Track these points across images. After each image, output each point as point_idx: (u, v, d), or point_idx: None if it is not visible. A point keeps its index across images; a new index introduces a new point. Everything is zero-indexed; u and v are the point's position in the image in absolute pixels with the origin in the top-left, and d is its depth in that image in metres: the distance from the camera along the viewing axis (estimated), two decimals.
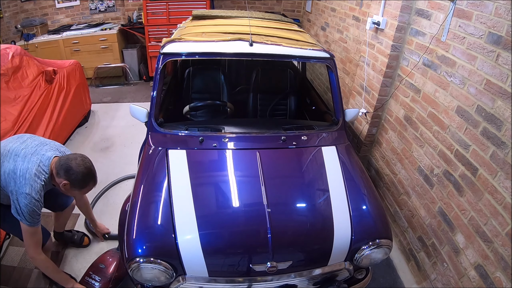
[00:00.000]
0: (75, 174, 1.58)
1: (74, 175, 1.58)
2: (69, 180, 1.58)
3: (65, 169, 1.57)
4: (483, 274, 1.62)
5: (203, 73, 2.86)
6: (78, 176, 1.58)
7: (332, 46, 4.00)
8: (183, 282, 1.48)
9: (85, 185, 1.64)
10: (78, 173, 1.58)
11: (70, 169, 1.57)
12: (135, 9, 5.56)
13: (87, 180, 1.64)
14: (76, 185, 1.62)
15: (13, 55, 2.90)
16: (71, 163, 1.58)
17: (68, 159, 1.59)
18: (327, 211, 1.62)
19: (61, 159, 1.60)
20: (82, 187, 1.64)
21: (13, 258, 2.20)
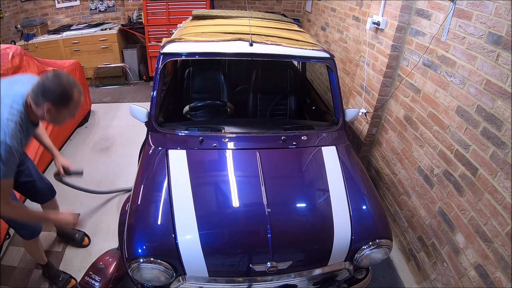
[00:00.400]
0: (52, 91, 1.35)
1: (51, 93, 1.35)
2: (50, 100, 1.35)
3: (41, 92, 1.35)
4: (483, 274, 1.62)
5: (203, 73, 2.86)
6: (56, 91, 1.35)
7: (332, 46, 4.00)
8: (183, 282, 1.48)
9: (70, 98, 1.39)
10: (55, 88, 1.35)
11: (45, 88, 1.35)
12: (135, 9, 5.56)
13: (69, 92, 1.38)
14: (60, 103, 1.38)
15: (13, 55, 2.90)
16: (44, 83, 1.36)
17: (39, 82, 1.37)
18: (327, 211, 1.62)
19: (33, 88, 1.38)
20: (68, 102, 1.39)
21: (13, 258, 2.20)
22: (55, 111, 1.39)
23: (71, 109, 1.44)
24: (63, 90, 1.37)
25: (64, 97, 1.38)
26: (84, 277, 1.88)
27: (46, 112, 1.38)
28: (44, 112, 1.38)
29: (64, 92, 1.37)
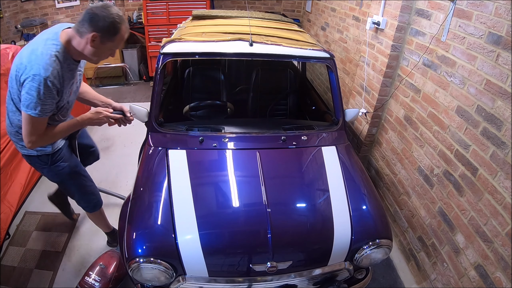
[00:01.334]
0: (102, 19, 1.31)
1: (101, 21, 1.31)
2: (97, 29, 1.32)
3: (88, 19, 1.31)
4: (483, 274, 1.62)
5: (203, 73, 2.86)
6: (105, 20, 1.31)
7: (332, 46, 4.00)
8: (183, 282, 1.48)
9: (116, 29, 1.37)
10: (104, 17, 1.31)
11: (94, 16, 1.31)
12: (135, 9, 5.56)
13: (118, 24, 1.36)
14: (107, 34, 1.35)
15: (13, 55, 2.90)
16: (93, 11, 1.31)
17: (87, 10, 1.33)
18: (327, 211, 1.62)
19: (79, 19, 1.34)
20: (114, 34, 1.37)
21: (13, 258, 2.20)
22: (99, 42, 1.36)
23: (115, 43, 1.42)
24: (113, 21, 1.34)
25: (112, 28, 1.35)
26: (84, 277, 1.88)
27: (90, 41, 1.34)
28: (86, 42, 1.35)
29: (113, 23, 1.34)
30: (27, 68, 1.32)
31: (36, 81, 1.30)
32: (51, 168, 1.69)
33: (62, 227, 2.47)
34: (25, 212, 2.58)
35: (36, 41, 1.41)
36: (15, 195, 2.45)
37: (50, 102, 1.38)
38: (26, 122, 1.39)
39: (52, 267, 2.16)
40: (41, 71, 1.30)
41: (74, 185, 1.84)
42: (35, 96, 1.32)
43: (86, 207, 1.97)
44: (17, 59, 1.41)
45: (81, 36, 1.36)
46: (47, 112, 1.40)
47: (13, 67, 1.41)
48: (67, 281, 2.08)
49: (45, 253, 2.26)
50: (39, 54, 1.33)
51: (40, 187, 2.85)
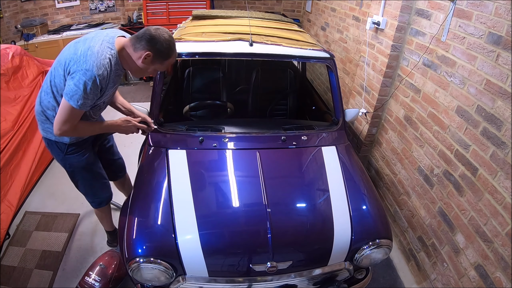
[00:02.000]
0: (160, 44, 1.44)
1: (159, 45, 1.44)
2: (153, 50, 1.44)
3: (147, 39, 1.43)
4: (483, 274, 1.62)
5: (203, 73, 2.86)
6: (163, 44, 1.44)
7: (332, 46, 4.00)
8: (183, 282, 1.48)
9: (169, 55, 1.50)
10: (163, 42, 1.44)
11: (154, 38, 1.43)
12: (135, 9, 5.56)
13: (171, 51, 1.50)
14: (159, 56, 1.47)
15: (13, 55, 2.90)
16: (154, 32, 1.43)
17: (147, 30, 1.44)
18: (327, 211, 1.62)
19: (138, 34, 1.45)
20: (166, 58, 1.50)
21: (13, 258, 2.20)
22: (150, 61, 1.48)
23: (162, 66, 1.55)
24: (169, 46, 1.48)
25: (166, 52, 1.48)
26: (84, 277, 1.88)
27: (143, 57, 1.45)
28: (139, 57, 1.46)
29: (168, 48, 1.48)
30: (81, 61, 1.38)
31: (87, 76, 1.37)
32: (65, 157, 1.73)
33: (62, 227, 2.47)
34: (25, 212, 2.58)
35: (93, 38, 1.46)
36: (15, 195, 2.45)
37: (92, 98, 1.45)
38: (64, 110, 1.43)
39: (52, 267, 2.16)
40: (94, 68, 1.37)
41: (84, 180, 1.85)
42: (81, 89, 1.37)
43: (92, 202, 1.98)
44: (71, 48, 1.47)
45: (135, 50, 1.47)
46: (87, 106, 1.46)
47: (65, 54, 1.46)
48: (67, 281, 2.08)
49: (45, 253, 2.26)
50: (95, 52, 1.39)
51: (40, 187, 2.86)
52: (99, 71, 1.38)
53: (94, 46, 1.41)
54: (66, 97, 1.41)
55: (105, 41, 1.45)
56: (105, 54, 1.42)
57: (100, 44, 1.43)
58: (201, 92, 2.85)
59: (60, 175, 2.97)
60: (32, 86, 2.96)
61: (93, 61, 1.37)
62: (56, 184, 2.90)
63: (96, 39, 1.45)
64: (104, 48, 1.43)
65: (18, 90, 2.83)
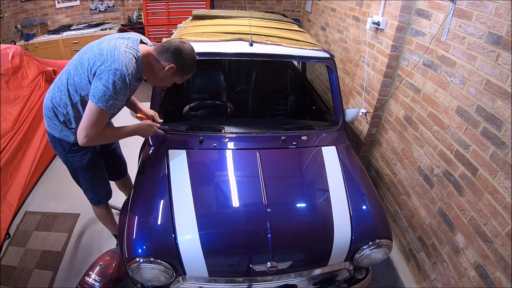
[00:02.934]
0: (185, 58, 1.49)
1: (183, 59, 1.49)
2: (177, 63, 1.48)
3: (173, 51, 1.47)
4: (483, 274, 1.62)
5: (203, 73, 2.86)
6: (187, 60, 1.50)
7: (332, 46, 4.00)
8: (183, 282, 1.48)
9: (191, 70, 1.57)
10: (187, 58, 1.50)
11: (181, 52, 1.48)
12: (135, 9, 5.56)
13: (192, 66, 1.56)
14: (181, 70, 1.53)
15: (13, 55, 2.90)
16: (181, 46, 1.48)
17: (174, 42, 1.49)
18: (327, 211, 1.62)
19: (164, 44, 1.49)
20: (187, 73, 1.56)
21: (13, 258, 2.20)
22: (172, 73, 1.52)
23: (182, 78, 1.60)
24: (192, 62, 1.54)
25: (189, 68, 1.54)
26: (84, 277, 1.87)
27: (166, 68, 1.49)
28: (162, 68, 1.50)
29: (191, 64, 1.54)
30: (109, 61, 1.36)
31: (117, 75, 1.35)
32: (67, 155, 1.72)
33: (62, 227, 2.47)
34: (25, 212, 2.58)
35: (118, 39, 1.46)
36: (15, 195, 2.45)
37: (121, 99, 1.44)
38: (92, 113, 1.40)
39: (52, 267, 2.16)
40: (123, 67, 1.36)
41: (84, 178, 1.85)
42: (111, 89, 1.36)
43: (91, 199, 1.97)
44: (94, 48, 1.45)
45: (159, 60, 1.50)
46: (116, 108, 1.45)
47: (88, 55, 1.44)
48: (67, 281, 2.08)
49: (45, 253, 2.26)
50: (123, 52, 1.39)
51: (40, 187, 2.86)
52: (129, 70, 1.38)
53: (120, 46, 1.41)
54: (93, 99, 1.38)
55: (130, 43, 1.45)
56: (132, 54, 1.42)
57: (126, 45, 1.43)
58: (201, 92, 2.85)
59: (60, 175, 2.98)
60: (32, 86, 2.96)
61: (121, 60, 1.36)
62: (56, 184, 2.90)
63: (121, 40, 1.45)
64: (130, 49, 1.43)
65: (18, 90, 2.83)
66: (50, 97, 1.61)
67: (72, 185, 1.96)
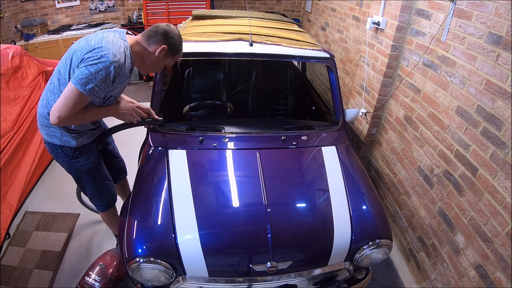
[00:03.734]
0: (174, 39, 1.53)
1: (173, 39, 1.52)
2: (168, 44, 1.51)
3: (163, 34, 1.49)
4: (483, 274, 1.62)
5: (203, 73, 2.86)
6: (177, 40, 1.54)
7: (332, 46, 4.00)
8: (183, 282, 1.48)
9: (180, 49, 1.60)
10: (176, 38, 1.54)
11: (169, 33, 1.51)
12: (135, 9, 5.56)
13: (181, 46, 1.60)
14: (173, 50, 1.55)
15: (13, 55, 2.90)
16: (168, 28, 1.51)
17: (161, 25, 1.52)
18: (327, 211, 1.62)
19: (151, 29, 1.51)
20: (177, 52, 1.59)
21: (13, 258, 2.20)
22: (164, 54, 1.53)
23: (171, 60, 1.61)
24: (181, 42, 1.58)
25: (178, 47, 1.58)
26: (84, 277, 1.87)
27: (158, 50, 1.50)
28: (154, 50, 1.50)
29: (180, 43, 1.58)
30: (96, 49, 1.36)
31: (102, 62, 1.34)
32: (71, 161, 1.70)
33: (62, 227, 2.47)
34: (25, 212, 2.58)
35: (104, 32, 1.47)
36: (15, 195, 2.45)
37: (103, 88, 1.41)
38: (70, 95, 1.37)
39: (52, 267, 2.16)
40: (110, 55, 1.36)
41: (90, 183, 1.83)
42: (92, 73, 1.34)
43: (98, 206, 1.97)
44: (81, 42, 1.46)
45: (149, 44, 1.51)
46: (94, 95, 1.40)
47: (74, 48, 1.45)
48: (67, 281, 2.08)
49: (45, 253, 2.26)
50: (111, 41, 1.40)
51: (40, 187, 2.86)
52: (115, 58, 1.37)
53: (108, 36, 1.42)
54: (73, 80, 1.35)
55: (117, 34, 1.47)
56: (121, 44, 1.43)
57: (113, 36, 1.44)
58: (201, 92, 2.85)
59: (60, 175, 2.97)
60: (32, 86, 2.97)
61: (109, 49, 1.37)
62: (56, 184, 2.90)
63: (108, 32, 1.46)
64: (118, 40, 1.44)
65: (18, 90, 2.83)
66: (44, 104, 1.57)
67: (72, 185, 1.96)
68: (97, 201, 1.94)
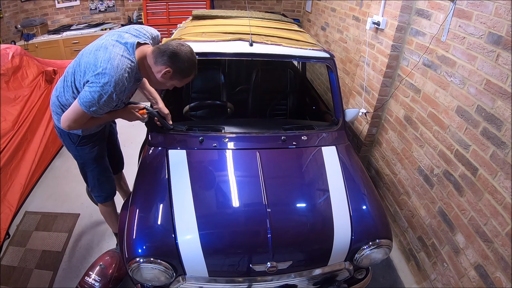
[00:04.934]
0: (182, 62, 1.42)
1: (180, 62, 1.42)
2: (174, 67, 1.43)
3: (170, 55, 1.41)
4: (483, 274, 1.62)
5: (203, 73, 2.86)
6: (184, 64, 1.43)
7: (332, 46, 4.00)
8: (183, 282, 1.48)
9: (189, 74, 1.50)
10: (185, 61, 1.43)
11: (177, 55, 1.41)
12: (135, 9, 5.56)
13: (192, 70, 1.49)
14: (179, 74, 1.47)
15: (13, 55, 2.90)
16: (178, 49, 1.41)
17: (171, 45, 1.42)
18: (327, 211, 1.62)
19: (161, 47, 1.43)
20: (185, 76, 1.50)
21: (13, 258, 2.20)
22: (169, 77, 1.46)
23: (180, 82, 1.53)
24: (191, 66, 1.47)
25: (186, 71, 1.47)
26: (84, 277, 1.88)
27: (163, 73, 1.44)
28: (159, 71, 1.45)
29: (190, 68, 1.47)
30: (100, 75, 1.37)
31: (104, 90, 1.37)
32: (77, 148, 1.75)
33: (62, 227, 2.47)
34: (25, 212, 2.58)
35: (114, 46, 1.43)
36: (15, 195, 2.45)
37: (106, 108, 1.46)
38: (75, 111, 1.44)
39: (52, 267, 2.16)
40: (111, 83, 1.36)
41: (93, 172, 1.86)
42: (95, 99, 1.38)
43: (98, 197, 1.98)
44: (90, 56, 1.44)
45: (155, 64, 1.44)
46: (99, 114, 1.46)
47: (85, 60, 1.45)
48: (67, 281, 2.08)
49: (45, 253, 2.26)
50: (115, 66, 1.37)
51: (40, 187, 2.86)
52: (117, 87, 1.38)
53: (114, 58, 1.38)
54: (79, 101, 1.41)
55: (125, 53, 1.42)
56: (124, 67, 1.40)
57: (120, 56, 1.40)
58: (201, 92, 2.85)
59: (60, 175, 2.98)
60: (32, 86, 2.96)
61: (111, 76, 1.36)
62: (56, 184, 2.90)
63: (117, 49, 1.41)
64: (123, 61, 1.40)
65: (18, 90, 2.83)
66: (56, 95, 1.62)
67: (72, 185, 1.96)
68: (97, 191, 1.95)
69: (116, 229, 2.21)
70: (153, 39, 1.60)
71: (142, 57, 1.47)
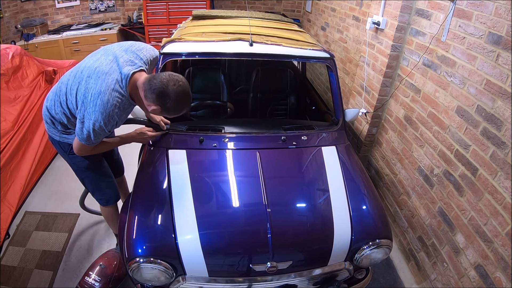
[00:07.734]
0: (170, 101, 1.36)
1: (168, 103, 1.37)
2: (162, 106, 1.39)
3: (158, 93, 1.35)
4: (483, 274, 1.62)
5: (203, 73, 2.86)
6: (172, 103, 1.37)
7: (332, 46, 4.00)
8: (183, 282, 1.48)
9: (177, 112, 1.46)
10: (173, 100, 1.36)
11: (165, 95, 1.35)
12: (135, 9, 5.56)
13: (181, 107, 1.44)
14: (167, 112, 1.45)
15: (13, 55, 2.90)
16: (167, 88, 1.34)
17: (162, 82, 1.35)
18: (327, 211, 1.62)
19: (151, 81, 1.37)
20: (172, 115, 1.49)
21: (13, 258, 2.20)
22: (159, 112, 1.46)
23: (174, 115, 1.52)
24: (180, 104, 1.42)
25: (176, 110, 1.45)
26: (84, 277, 1.87)
27: (151, 109, 1.43)
28: (149, 106, 1.44)
29: (179, 106, 1.43)
30: (90, 110, 1.39)
31: (96, 125, 1.41)
32: (69, 156, 1.76)
33: (62, 227, 2.47)
34: (25, 212, 2.58)
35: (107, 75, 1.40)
36: (15, 195, 2.45)
37: (103, 135, 1.50)
38: (79, 144, 1.52)
39: (52, 267, 2.16)
40: (100, 119, 1.39)
41: (90, 177, 1.87)
42: (91, 132, 1.42)
43: (99, 200, 1.98)
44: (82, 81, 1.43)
45: (145, 98, 1.42)
46: (98, 140, 1.51)
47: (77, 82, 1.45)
48: (67, 281, 2.08)
49: (45, 253, 2.26)
50: (105, 102, 1.37)
51: (40, 187, 2.86)
52: (106, 119, 1.40)
53: (104, 93, 1.37)
54: (78, 137, 1.47)
55: (117, 85, 1.40)
56: (114, 103, 1.39)
57: (111, 90, 1.38)
58: (201, 92, 2.85)
59: (60, 175, 2.98)
60: (32, 86, 2.96)
61: (101, 113, 1.38)
62: (56, 184, 2.90)
63: (109, 79, 1.39)
64: (114, 96, 1.38)
65: (18, 90, 2.83)
66: (46, 105, 1.63)
67: (72, 185, 1.96)
68: (97, 195, 1.96)
69: (117, 230, 2.22)
70: (150, 63, 1.60)
71: (134, 86, 1.46)
